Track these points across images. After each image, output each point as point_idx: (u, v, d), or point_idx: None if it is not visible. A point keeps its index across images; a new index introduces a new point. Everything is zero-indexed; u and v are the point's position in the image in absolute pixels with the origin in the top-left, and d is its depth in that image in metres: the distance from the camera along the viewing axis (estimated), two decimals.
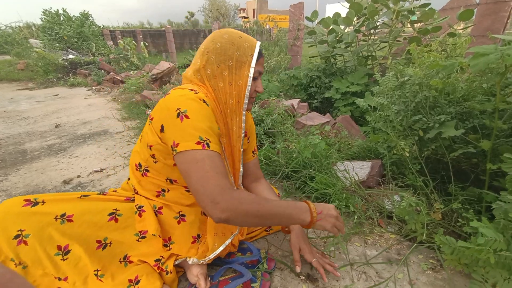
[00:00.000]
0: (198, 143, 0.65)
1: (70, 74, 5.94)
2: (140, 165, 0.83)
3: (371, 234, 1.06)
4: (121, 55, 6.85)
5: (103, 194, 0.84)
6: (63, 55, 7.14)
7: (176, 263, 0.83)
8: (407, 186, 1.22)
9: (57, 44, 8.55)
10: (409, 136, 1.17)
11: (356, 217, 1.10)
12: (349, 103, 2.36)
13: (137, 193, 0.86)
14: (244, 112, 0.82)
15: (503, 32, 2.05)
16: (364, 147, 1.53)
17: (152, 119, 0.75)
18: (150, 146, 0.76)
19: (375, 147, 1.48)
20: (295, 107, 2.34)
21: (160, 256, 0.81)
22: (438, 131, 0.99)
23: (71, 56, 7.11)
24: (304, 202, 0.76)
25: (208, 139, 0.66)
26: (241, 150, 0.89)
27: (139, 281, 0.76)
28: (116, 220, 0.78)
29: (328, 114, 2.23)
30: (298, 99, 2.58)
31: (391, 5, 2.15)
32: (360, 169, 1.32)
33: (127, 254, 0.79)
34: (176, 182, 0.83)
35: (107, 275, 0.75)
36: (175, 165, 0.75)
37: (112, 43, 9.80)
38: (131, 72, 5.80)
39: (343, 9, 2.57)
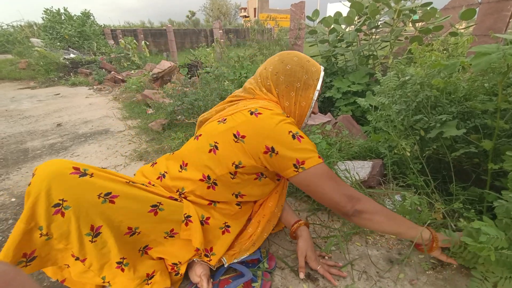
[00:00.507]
0: (319, 157, 0.75)
1: (71, 73, 5.95)
2: (209, 177, 0.81)
3: (372, 234, 1.06)
4: (122, 54, 6.86)
5: (147, 186, 0.81)
6: (64, 54, 7.16)
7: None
8: (408, 186, 1.22)
9: (59, 43, 8.57)
10: (410, 136, 1.16)
11: None
12: (350, 103, 2.35)
13: (185, 198, 0.85)
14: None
15: (505, 31, 2.04)
16: (365, 147, 1.53)
17: (243, 137, 0.75)
18: (238, 165, 0.77)
19: (376, 146, 1.48)
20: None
21: (178, 262, 0.81)
22: (439, 131, 0.99)
23: (72, 55, 7.13)
24: (428, 229, 0.81)
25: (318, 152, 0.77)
26: None
27: (153, 276, 0.77)
28: (156, 214, 0.75)
29: (329, 113, 2.23)
30: None
31: (392, 4, 2.15)
32: (361, 169, 1.32)
33: (148, 245, 0.78)
34: (243, 196, 0.86)
35: (131, 265, 0.74)
36: (255, 179, 0.83)
37: (113, 42, 9.81)
38: (132, 71, 5.81)
39: (344, 8, 2.57)
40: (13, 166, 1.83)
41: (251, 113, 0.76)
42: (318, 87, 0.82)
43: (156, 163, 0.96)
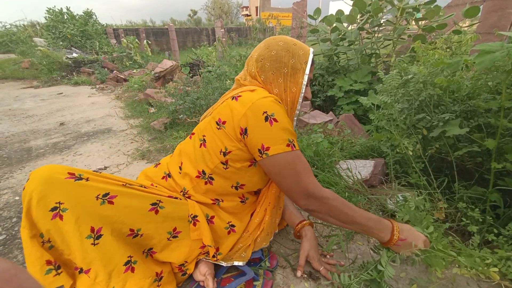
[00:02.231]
0: (288, 145, 0.70)
1: (74, 73, 5.98)
2: (204, 172, 0.81)
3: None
4: (124, 54, 6.87)
5: (144, 187, 0.80)
6: (67, 53, 7.20)
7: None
8: (410, 185, 1.21)
9: (61, 43, 8.61)
10: (413, 135, 1.16)
11: None
12: (352, 102, 2.34)
13: (189, 197, 0.84)
14: (295, 118, 0.85)
15: (510, 29, 2.01)
16: (367, 146, 1.53)
17: (224, 123, 0.74)
18: (225, 152, 0.75)
19: (378, 145, 1.48)
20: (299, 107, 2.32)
21: (185, 261, 0.81)
22: (442, 130, 0.98)
23: (74, 55, 7.16)
24: (389, 221, 0.77)
25: (294, 140, 0.72)
26: None
27: (162, 277, 0.77)
28: (157, 212, 0.74)
29: (331, 112, 2.22)
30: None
31: (395, 2, 2.13)
32: (363, 168, 1.32)
33: (152, 248, 0.77)
34: (242, 187, 0.84)
35: (140, 261, 0.72)
36: (249, 166, 0.79)
37: (115, 42, 9.84)
38: (134, 71, 5.82)
39: (347, 7, 2.55)
40: (16, 165, 1.85)
41: (232, 98, 0.75)
42: (307, 70, 0.78)
43: (159, 163, 0.96)
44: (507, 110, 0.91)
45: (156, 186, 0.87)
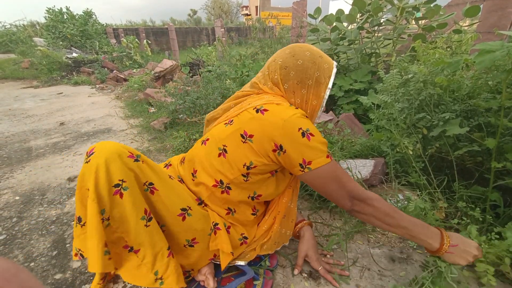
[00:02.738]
0: (327, 156, 0.71)
1: (73, 72, 5.97)
2: (221, 182, 0.79)
3: (373, 233, 1.05)
4: (124, 53, 6.87)
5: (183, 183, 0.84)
6: (66, 53, 7.20)
7: None
8: (410, 184, 1.21)
9: (61, 43, 8.61)
10: (413, 134, 1.16)
11: None
12: (352, 101, 2.34)
13: (206, 205, 0.85)
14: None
15: (510, 29, 2.01)
16: (367, 145, 1.53)
17: (251, 136, 0.73)
18: (249, 167, 0.75)
19: (378, 145, 1.48)
20: None
21: (192, 270, 0.83)
22: (442, 129, 0.98)
23: (74, 55, 7.16)
24: (438, 228, 0.76)
25: (329, 150, 0.72)
26: None
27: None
28: (184, 219, 0.75)
29: (331, 112, 2.22)
30: None
31: (395, 2, 2.13)
32: (363, 167, 1.32)
33: (169, 247, 0.77)
34: (259, 197, 0.84)
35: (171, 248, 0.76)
36: (269, 177, 0.80)
37: (115, 41, 9.83)
38: (134, 70, 5.82)
39: (347, 6, 2.55)
40: (17, 165, 1.85)
41: (257, 111, 0.72)
42: (330, 85, 0.78)
43: (170, 164, 0.96)
44: (507, 109, 0.91)
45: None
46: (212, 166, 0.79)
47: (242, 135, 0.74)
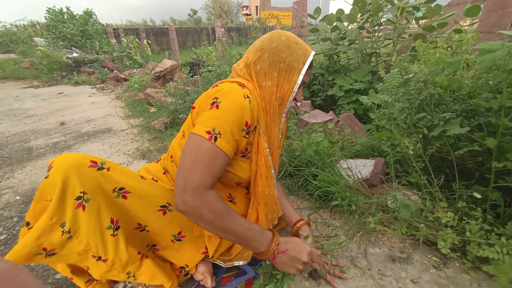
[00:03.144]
0: (208, 132, 0.65)
1: (74, 72, 5.98)
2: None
3: (373, 232, 1.05)
4: (124, 53, 6.87)
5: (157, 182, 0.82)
6: (67, 53, 7.21)
7: None
8: (410, 184, 1.21)
9: (61, 43, 8.62)
10: (413, 134, 1.16)
11: (359, 214, 1.10)
12: (353, 101, 2.34)
13: None
14: (284, 115, 0.83)
15: (510, 28, 2.01)
16: (368, 145, 1.52)
17: (193, 108, 0.76)
18: None
19: (378, 145, 1.47)
20: (298, 104, 2.33)
21: (185, 265, 0.82)
22: (442, 129, 0.98)
23: (75, 55, 7.17)
24: (271, 231, 0.74)
25: (220, 135, 0.65)
26: (279, 150, 0.90)
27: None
28: (164, 213, 0.76)
29: (331, 111, 2.22)
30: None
31: (395, 2, 2.12)
32: (363, 167, 1.32)
33: (156, 245, 0.79)
34: (221, 180, 0.83)
35: (146, 253, 0.75)
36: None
37: (115, 41, 9.84)
38: (134, 70, 5.82)
39: (347, 6, 2.55)
40: (17, 165, 1.85)
41: (212, 87, 0.74)
42: (303, 71, 0.76)
43: (160, 159, 0.97)
44: (507, 109, 0.91)
45: (157, 181, 0.87)
46: (179, 149, 0.81)
47: (191, 111, 0.77)
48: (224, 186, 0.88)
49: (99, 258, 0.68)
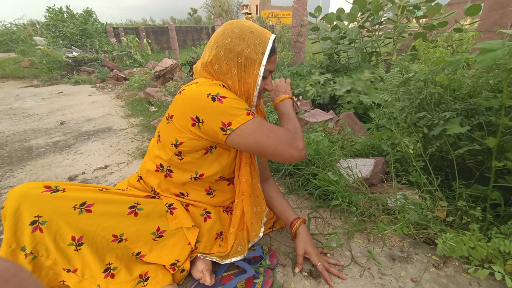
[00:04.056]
0: (248, 113, 0.70)
1: (74, 72, 5.97)
2: (162, 166, 0.82)
3: (373, 231, 1.05)
4: (124, 52, 6.86)
5: (121, 190, 0.84)
6: (67, 52, 7.19)
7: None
8: (411, 183, 1.21)
9: (61, 42, 8.60)
10: (413, 133, 1.15)
11: (358, 214, 1.10)
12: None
13: (158, 194, 0.86)
14: (254, 109, 0.81)
15: (511, 27, 2.01)
16: (368, 144, 1.52)
17: (172, 117, 0.74)
18: (176, 144, 0.76)
19: (378, 144, 1.47)
20: (298, 104, 2.33)
21: (176, 260, 0.80)
22: (443, 128, 0.98)
23: (75, 54, 7.16)
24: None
25: (251, 109, 0.73)
26: None
27: (148, 277, 0.77)
28: (136, 214, 0.76)
29: (331, 111, 2.22)
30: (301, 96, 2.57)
31: (396, 0, 2.12)
32: (363, 166, 1.32)
33: (141, 252, 0.78)
34: (202, 177, 0.83)
35: (121, 267, 0.74)
36: (205, 153, 0.79)
37: (115, 40, 9.82)
38: (134, 69, 5.81)
39: (347, 5, 2.54)
40: (17, 164, 1.85)
41: (179, 93, 0.74)
42: (264, 61, 0.72)
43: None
44: (508, 108, 0.91)
45: (130, 189, 0.89)
46: (154, 152, 0.83)
47: (166, 117, 0.77)
48: (204, 181, 0.88)
49: (69, 270, 0.70)
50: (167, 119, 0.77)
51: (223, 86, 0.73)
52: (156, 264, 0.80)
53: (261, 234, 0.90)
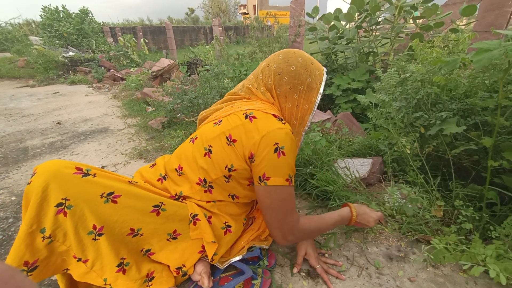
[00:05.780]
0: (287, 180, 0.73)
1: (70, 72, 5.92)
2: (205, 181, 0.81)
3: (371, 231, 1.06)
4: (121, 52, 6.82)
5: (150, 186, 0.83)
6: (63, 52, 7.13)
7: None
8: (408, 183, 1.22)
9: (57, 41, 8.54)
10: (410, 133, 1.16)
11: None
12: (350, 100, 2.35)
13: (184, 198, 0.85)
14: (304, 133, 0.87)
15: (507, 28, 2.02)
16: (365, 144, 1.53)
17: (234, 141, 0.74)
18: (230, 169, 0.76)
19: (376, 144, 1.48)
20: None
21: (182, 265, 0.80)
22: (439, 128, 0.99)
23: (71, 53, 7.10)
24: (348, 206, 0.91)
25: (293, 176, 0.75)
26: None
27: (153, 277, 0.77)
28: (158, 214, 0.75)
29: (329, 111, 2.22)
30: None
31: (393, 1, 2.13)
32: (361, 166, 1.32)
33: (150, 249, 0.77)
34: (238, 197, 0.86)
35: (132, 263, 0.73)
36: (248, 185, 0.82)
37: (112, 40, 9.76)
38: (131, 69, 5.78)
39: (345, 5, 2.55)
40: (13, 165, 1.83)
41: (246, 117, 0.74)
42: (321, 90, 0.82)
43: (155, 164, 0.96)
44: (504, 108, 0.92)
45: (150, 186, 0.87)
46: (197, 164, 0.81)
47: (227, 138, 0.76)
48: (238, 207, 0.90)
49: (79, 260, 0.68)
50: (228, 141, 0.75)
51: (280, 119, 0.75)
52: (162, 264, 0.80)
53: (267, 246, 0.93)
